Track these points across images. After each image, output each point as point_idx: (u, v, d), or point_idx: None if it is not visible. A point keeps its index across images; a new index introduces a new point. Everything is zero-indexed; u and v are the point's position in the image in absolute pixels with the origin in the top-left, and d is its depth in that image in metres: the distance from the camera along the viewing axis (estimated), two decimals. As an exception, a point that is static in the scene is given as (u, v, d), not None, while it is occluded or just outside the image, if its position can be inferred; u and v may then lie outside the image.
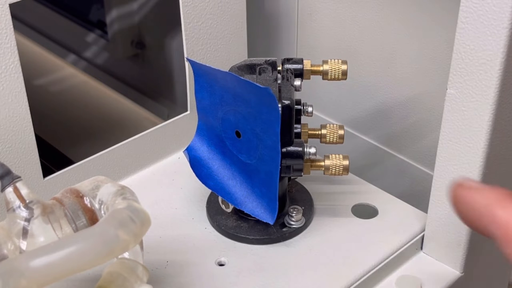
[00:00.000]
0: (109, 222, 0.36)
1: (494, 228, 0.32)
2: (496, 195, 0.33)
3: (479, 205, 0.33)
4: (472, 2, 0.38)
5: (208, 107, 0.47)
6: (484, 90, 0.40)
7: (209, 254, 0.48)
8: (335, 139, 0.49)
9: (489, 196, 0.33)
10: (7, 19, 0.45)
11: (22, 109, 0.48)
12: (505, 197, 0.32)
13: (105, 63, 0.81)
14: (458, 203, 0.35)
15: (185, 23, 0.54)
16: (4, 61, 0.45)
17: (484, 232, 0.33)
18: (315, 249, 0.48)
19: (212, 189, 0.49)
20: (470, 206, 0.34)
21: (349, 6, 0.57)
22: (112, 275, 0.38)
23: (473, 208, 0.33)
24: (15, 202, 0.38)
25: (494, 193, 0.33)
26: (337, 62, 0.49)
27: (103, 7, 0.77)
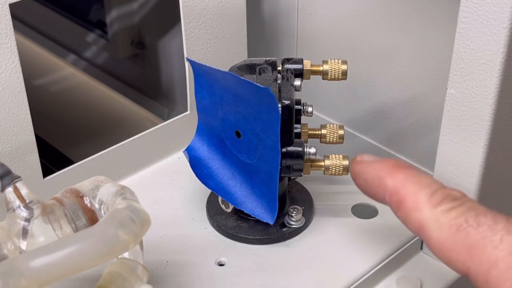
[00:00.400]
0: (109, 222, 0.36)
1: (386, 196, 0.34)
2: (385, 166, 0.35)
3: (371, 177, 0.35)
4: (472, 2, 0.38)
5: (208, 107, 0.47)
6: (484, 90, 0.40)
7: (209, 254, 0.48)
8: (335, 139, 0.49)
9: (379, 168, 0.35)
10: (7, 19, 0.45)
11: (22, 109, 0.48)
12: (392, 167, 0.35)
13: (105, 63, 0.81)
14: (356, 178, 0.37)
15: (185, 23, 0.54)
16: (4, 61, 0.45)
17: (382, 202, 0.35)
18: (315, 249, 0.48)
19: (212, 189, 0.49)
20: (365, 179, 0.36)
21: (349, 6, 0.57)
22: (112, 275, 0.38)
23: (368, 181, 0.36)
24: (15, 202, 0.38)
25: (383, 164, 0.35)
26: (337, 62, 0.49)
27: (103, 7, 0.77)
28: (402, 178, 0.34)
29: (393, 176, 0.34)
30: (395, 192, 0.34)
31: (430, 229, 0.32)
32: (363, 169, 0.36)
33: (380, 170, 0.35)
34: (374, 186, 0.35)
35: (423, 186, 0.33)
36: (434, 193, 0.33)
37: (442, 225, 0.31)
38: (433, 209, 0.32)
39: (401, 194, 0.33)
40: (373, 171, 0.35)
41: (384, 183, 0.34)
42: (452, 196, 0.32)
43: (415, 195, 0.33)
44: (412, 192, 0.33)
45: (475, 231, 0.30)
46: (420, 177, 0.34)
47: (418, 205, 0.32)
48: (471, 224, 0.31)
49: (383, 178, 0.35)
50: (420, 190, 0.33)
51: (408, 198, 0.33)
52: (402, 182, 0.34)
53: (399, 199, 0.33)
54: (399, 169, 0.34)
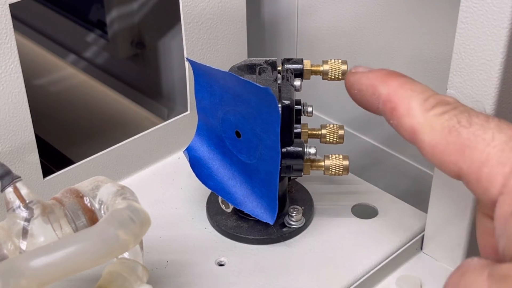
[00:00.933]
0: (109, 222, 0.36)
1: (380, 105, 0.34)
2: (378, 75, 0.35)
3: (365, 86, 0.35)
4: (472, 2, 0.38)
5: (208, 107, 0.47)
6: (484, 90, 0.40)
7: (209, 254, 0.48)
8: (335, 139, 0.49)
9: (373, 76, 0.35)
10: (7, 19, 0.45)
11: (22, 109, 0.48)
12: (386, 75, 0.35)
13: (105, 63, 0.81)
14: (350, 88, 0.37)
15: (185, 23, 0.54)
16: (4, 61, 0.45)
17: (376, 112, 0.35)
18: (315, 249, 0.48)
19: (212, 189, 0.49)
20: (360, 89, 0.36)
21: (349, 6, 0.57)
22: (112, 275, 0.38)
23: (362, 91, 0.35)
24: (15, 202, 0.38)
25: (377, 73, 0.35)
26: (337, 62, 0.49)
27: (103, 7, 0.77)
28: (396, 86, 0.34)
29: (386, 84, 0.34)
30: (388, 99, 0.34)
31: (422, 132, 0.32)
32: (358, 79, 0.36)
33: (374, 79, 0.35)
34: (368, 95, 0.35)
35: (416, 93, 0.33)
36: (427, 99, 0.32)
37: (435, 128, 0.31)
38: (425, 114, 0.32)
39: (394, 101, 0.33)
40: (367, 80, 0.35)
41: (377, 91, 0.34)
42: (446, 101, 0.32)
43: (407, 101, 0.33)
44: (405, 98, 0.33)
45: (467, 131, 0.30)
46: (413, 84, 0.34)
47: (410, 111, 0.32)
48: (463, 125, 0.31)
49: (377, 86, 0.34)
50: (413, 96, 0.33)
51: (400, 104, 0.33)
52: (395, 90, 0.34)
53: (392, 106, 0.33)
54: (392, 77, 0.34)
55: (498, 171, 0.29)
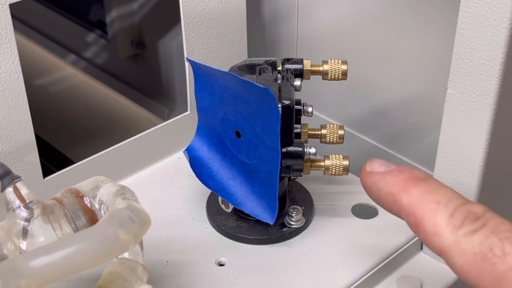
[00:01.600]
0: (109, 222, 0.36)
1: (403, 215, 0.32)
2: (398, 181, 0.33)
3: (385, 193, 0.33)
4: (472, 2, 0.38)
5: (208, 107, 0.47)
6: (484, 90, 0.40)
7: (209, 254, 0.48)
8: (335, 139, 0.49)
9: (392, 183, 0.33)
10: (7, 19, 0.45)
11: (22, 109, 0.48)
12: (406, 182, 0.33)
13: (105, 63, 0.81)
14: (368, 191, 0.35)
15: (185, 23, 0.54)
16: (4, 61, 0.45)
17: (400, 217, 0.33)
18: (315, 249, 0.48)
19: (212, 189, 0.49)
20: (378, 195, 0.34)
21: (349, 6, 0.57)
22: (112, 275, 0.38)
23: (381, 197, 0.34)
24: (15, 202, 0.38)
25: (396, 178, 0.33)
26: (337, 62, 0.49)
27: (103, 7, 0.77)
28: (418, 195, 0.32)
29: (408, 193, 0.32)
30: (411, 212, 0.32)
31: (453, 255, 0.30)
32: (375, 183, 0.34)
33: (393, 186, 0.33)
34: (389, 203, 0.33)
35: (441, 205, 0.31)
36: (454, 213, 0.31)
37: (465, 252, 0.29)
38: (454, 233, 0.30)
39: (418, 215, 0.31)
40: (386, 187, 0.33)
41: (399, 201, 0.32)
42: (473, 215, 0.30)
43: (433, 217, 0.31)
44: (430, 213, 0.31)
45: (501, 262, 0.29)
46: (437, 192, 0.32)
47: (437, 229, 0.30)
48: (496, 253, 0.29)
49: (397, 195, 0.32)
50: (438, 210, 0.31)
51: (426, 221, 0.31)
52: (418, 200, 0.32)
53: (417, 220, 0.31)
54: (413, 185, 0.32)
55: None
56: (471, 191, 0.44)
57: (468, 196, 0.44)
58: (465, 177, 0.44)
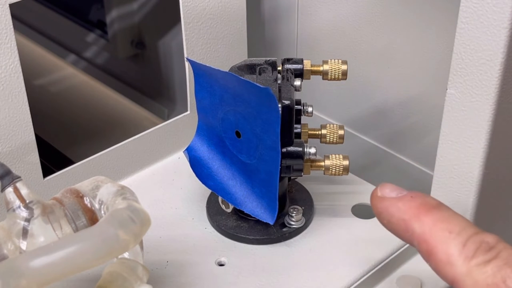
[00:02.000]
0: (109, 222, 0.36)
1: (414, 243, 0.32)
2: (410, 207, 0.32)
3: (396, 220, 0.33)
4: (472, 2, 0.38)
5: (208, 107, 0.47)
6: (484, 90, 0.40)
7: (209, 254, 0.48)
8: (335, 139, 0.49)
9: (404, 209, 0.33)
10: (7, 19, 0.45)
11: (22, 109, 0.48)
12: (419, 209, 0.32)
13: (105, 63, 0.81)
14: (379, 217, 0.34)
15: (185, 23, 0.54)
16: (4, 61, 0.45)
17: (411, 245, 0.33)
18: (315, 249, 0.48)
19: (212, 189, 0.49)
20: (390, 221, 0.33)
21: (349, 6, 0.57)
22: (112, 275, 0.38)
23: (393, 224, 0.33)
24: (15, 202, 0.38)
25: (408, 205, 0.33)
26: (337, 62, 0.49)
27: (103, 7, 0.77)
28: (430, 224, 0.31)
29: (420, 221, 0.32)
30: (423, 240, 0.31)
31: (465, 285, 0.30)
32: (386, 209, 0.33)
33: (405, 213, 0.32)
34: (400, 230, 0.33)
35: (454, 234, 0.31)
36: (466, 243, 0.30)
37: (478, 283, 0.29)
38: (466, 264, 0.30)
39: (431, 243, 0.31)
40: (398, 213, 0.33)
41: (411, 228, 0.32)
42: (486, 245, 0.30)
43: (445, 246, 0.31)
44: (443, 242, 0.31)
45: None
46: (449, 221, 0.31)
47: (450, 258, 0.30)
48: (509, 285, 0.29)
49: (409, 222, 0.32)
50: (451, 239, 0.31)
51: (438, 250, 0.31)
52: (430, 228, 0.31)
53: (429, 249, 0.31)
54: (426, 212, 0.32)
55: None
56: (471, 191, 0.44)
57: (468, 196, 0.44)
58: (465, 177, 0.44)
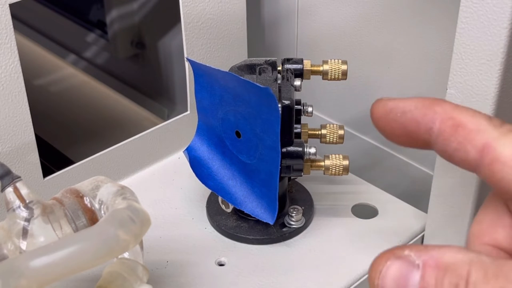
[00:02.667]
0: (109, 222, 0.36)
1: (437, 124, 0.31)
2: (425, 98, 0.32)
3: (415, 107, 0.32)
4: (472, 2, 0.38)
5: (208, 107, 0.47)
6: (484, 90, 0.40)
7: (209, 254, 0.48)
8: (335, 139, 0.49)
9: (418, 100, 0.32)
10: (7, 19, 0.45)
11: (22, 109, 0.48)
12: (435, 99, 0.32)
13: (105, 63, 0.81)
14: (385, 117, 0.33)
15: (185, 23, 0.54)
16: (4, 61, 0.45)
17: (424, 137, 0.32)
18: (315, 249, 0.48)
19: (212, 189, 0.49)
20: (405, 111, 0.32)
21: (349, 6, 0.57)
22: (112, 275, 0.38)
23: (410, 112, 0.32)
24: (15, 202, 0.38)
25: (422, 99, 0.32)
26: (337, 62, 0.49)
27: (103, 7, 0.77)
28: (453, 106, 0.31)
29: (440, 105, 0.31)
30: (449, 117, 0.31)
31: (498, 145, 0.29)
32: (397, 103, 0.32)
33: (423, 101, 0.32)
34: (419, 116, 0.31)
35: (477, 112, 0.31)
36: (492, 118, 0.31)
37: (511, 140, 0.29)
38: (498, 129, 0.30)
39: (457, 117, 0.30)
40: (413, 103, 0.32)
41: (432, 110, 0.31)
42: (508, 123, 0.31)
43: (473, 118, 0.30)
44: (470, 115, 0.31)
45: None
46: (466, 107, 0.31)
47: (480, 126, 0.30)
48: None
49: (430, 106, 0.31)
50: (477, 114, 0.31)
51: (467, 121, 0.30)
52: (454, 108, 0.31)
53: (455, 123, 0.30)
54: (443, 101, 0.31)
55: None
56: (471, 191, 0.44)
57: (468, 196, 0.44)
58: (465, 177, 0.44)
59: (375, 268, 0.29)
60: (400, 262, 0.28)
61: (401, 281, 0.28)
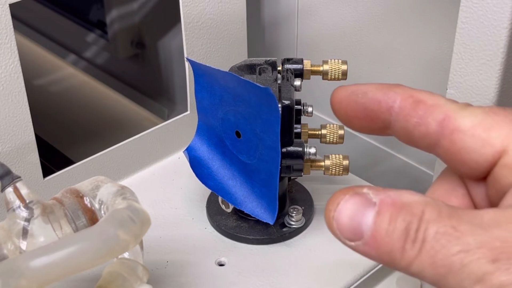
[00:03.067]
0: (109, 222, 0.36)
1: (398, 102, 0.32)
2: (384, 83, 0.33)
3: (375, 88, 0.33)
4: (472, 2, 0.38)
5: (208, 107, 0.47)
6: (484, 90, 0.40)
7: (209, 254, 0.48)
8: (335, 139, 0.49)
9: (377, 84, 0.33)
10: (7, 19, 0.45)
11: (22, 109, 0.48)
12: (393, 84, 0.33)
13: (105, 63, 0.81)
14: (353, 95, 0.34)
15: (185, 23, 0.54)
16: (4, 61, 0.45)
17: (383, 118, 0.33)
18: (315, 249, 0.48)
19: (212, 189, 0.49)
20: (366, 91, 0.33)
21: (349, 6, 0.57)
22: (112, 275, 0.38)
23: (371, 91, 0.33)
24: (15, 202, 0.38)
25: (381, 83, 0.33)
26: (337, 62, 0.49)
27: (103, 7, 0.77)
28: (410, 88, 0.32)
29: (399, 87, 0.32)
30: (409, 95, 0.32)
31: (459, 116, 0.30)
32: (358, 86, 0.33)
33: (383, 84, 0.33)
34: (378, 96, 0.32)
35: (435, 93, 0.32)
36: (448, 98, 0.32)
37: (473, 112, 0.30)
38: (456, 104, 0.31)
39: (417, 95, 0.31)
40: (373, 85, 0.33)
41: (392, 91, 0.32)
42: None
43: (432, 95, 0.31)
44: (429, 94, 0.32)
45: None
46: None
47: (439, 102, 0.31)
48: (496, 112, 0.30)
49: (390, 87, 0.32)
50: (435, 94, 0.32)
51: (427, 98, 0.31)
52: (412, 89, 0.32)
53: (416, 99, 0.31)
54: (401, 84, 0.32)
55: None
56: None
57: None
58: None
59: (332, 201, 0.30)
60: (357, 198, 0.29)
61: (356, 216, 0.29)
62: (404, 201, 0.28)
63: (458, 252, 0.26)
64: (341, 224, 0.29)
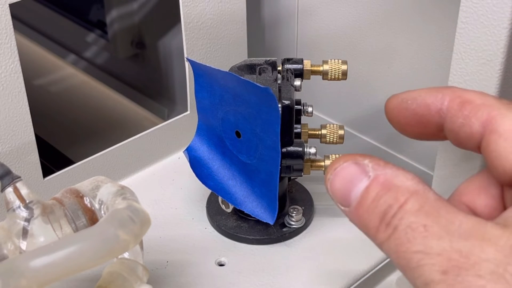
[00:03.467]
0: (109, 222, 0.36)
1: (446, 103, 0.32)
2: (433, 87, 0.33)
3: (426, 92, 0.33)
4: (472, 2, 0.38)
5: (208, 107, 0.47)
6: (484, 90, 0.40)
7: (209, 254, 0.48)
8: (335, 139, 0.49)
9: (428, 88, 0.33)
10: (7, 19, 0.45)
11: (22, 109, 0.48)
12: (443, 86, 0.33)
13: (105, 63, 0.81)
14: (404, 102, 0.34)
15: (185, 23, 0.54)
16: (4, 61, 0.45)
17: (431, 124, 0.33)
18: (315, 249, 0.48)
19: (212, 189, 0.49)
20: (415, 97, 0.33)
21: (349, 6, 0.57)
22: (112, 275, 0.38)
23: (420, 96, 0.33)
24: (15, 202, 0.38)
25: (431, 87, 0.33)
26: (337, 62, 0.49)
27: (103, 7, 0.77)
28: (461, 88, 0.33)
29: (449, 88, 0.33)
30: (457, 96, 0.32)
31: (501, 117, 0.30)
32: (408, 93, 0.33)
33: (432, 88, 0.33)
34: (427, 100, 0.32)
35: (487, 93, 0.32)
36: (501, 98, 0.31)
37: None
38: (505, 104, 0.31)
39: (465, 96, 0.31)
40: (423, 90, 0.33)
41: (441, 93, 0.32)
42: None
43: (482, 95, 0.31)
44: (479, 93, 0.31)
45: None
46: None
47: (487, 102, 0.31)
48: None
49: (439, 89, 0.32)
50: (486, 93, 0.31)
51: (476, 97, 0.31)
52: (462, 89, 0.32)
53: (463, 100, 0.31)
54: (452, 86, 0.33)
55: None
56: (471, 191, 0.44)
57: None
58: (465, 177, 0.44)
59: (334, 163, 0.30)
60: (355, 167, 0.29)
61: (348, 184, 0.29)
62: (395, 183, 0.28)
63: (418, 252, 0.26)
64: (334, 188, 0.30)
